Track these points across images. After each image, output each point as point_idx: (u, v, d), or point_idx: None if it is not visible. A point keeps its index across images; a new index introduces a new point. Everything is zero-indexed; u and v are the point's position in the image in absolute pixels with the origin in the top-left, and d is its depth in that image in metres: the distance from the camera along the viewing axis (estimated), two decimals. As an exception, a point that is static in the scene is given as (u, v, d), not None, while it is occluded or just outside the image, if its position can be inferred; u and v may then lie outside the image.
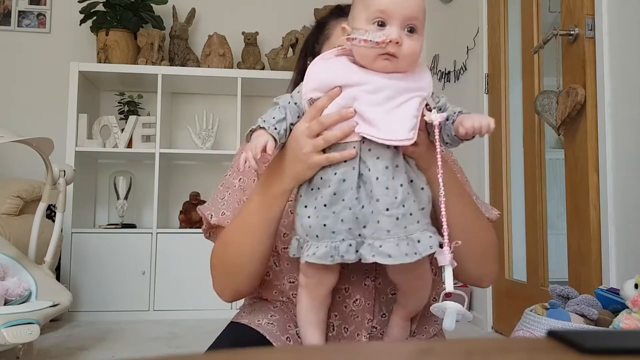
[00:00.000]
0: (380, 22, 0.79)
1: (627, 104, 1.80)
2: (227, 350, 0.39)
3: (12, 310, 1.84)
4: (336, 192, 0.80)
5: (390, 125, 0.78)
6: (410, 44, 0.80)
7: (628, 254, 1.77)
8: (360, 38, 0.79)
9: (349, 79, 0.81)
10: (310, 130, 0.81)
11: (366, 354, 0.39)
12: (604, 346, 0.37)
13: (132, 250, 3.08)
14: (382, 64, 0.80)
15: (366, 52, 0.79)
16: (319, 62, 0.84)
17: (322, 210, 0.81)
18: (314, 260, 0.80)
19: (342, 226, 0.80)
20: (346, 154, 0.80)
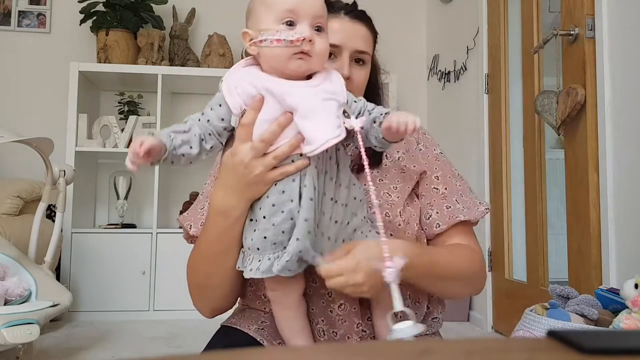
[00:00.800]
0: (290, 21, 0.79)
1: (627, 104, 1.80)
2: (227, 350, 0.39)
3: (12, 310, 1.84)
4: (275, 204, 0.80)
5: (314, 129, 0.78)
6: (320, 42, 0.80)
7: (628, 254, 1.77)
8: (272, 38, 0.78)
9: (268, 88, 0.80)
10: (256, 151, 0.80)
11: (366, 354, 0.39)
12: (604, 346, 0.37)
13: (132, 250, 3.08)
14: (296, 63, 0.79)
15: (279, 52, 0.79)
16: (232, 75, 0.84)
17: (262, 222, 0.81)
18: (259, 275, 0.80)
19: (283, 237, 0.80)
20: (300, 164, 0.80)
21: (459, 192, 1.04)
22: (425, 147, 1.07)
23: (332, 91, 0.81)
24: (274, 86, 0.80)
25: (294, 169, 0.80)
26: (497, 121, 2.74)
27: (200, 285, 0.96)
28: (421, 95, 3.64)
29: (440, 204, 1.02)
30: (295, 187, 0.80)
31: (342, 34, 0.97)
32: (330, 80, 0.83)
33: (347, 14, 1.00)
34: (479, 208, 1.03)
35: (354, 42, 0.98)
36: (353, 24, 1.00)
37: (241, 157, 0.81)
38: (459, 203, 1.02)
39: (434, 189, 1.03)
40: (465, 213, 1.01)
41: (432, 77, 3.54)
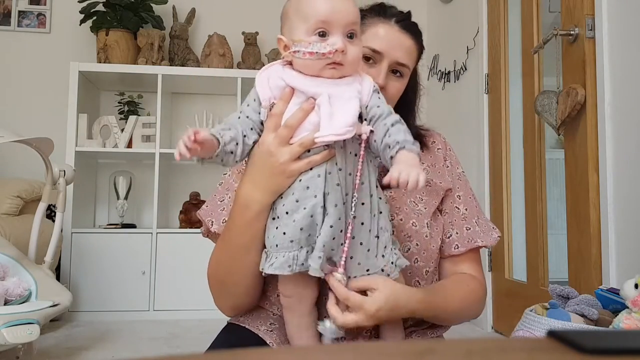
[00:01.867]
0: (322, 32, 0.79)
1: (627, 104, 1.80)
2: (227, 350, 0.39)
3: (12, 310, 1.84)
4: (298, 199, 0.80)
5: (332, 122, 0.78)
6: (353, 49, 0.81)
7: (628, 254, 1.77)
8: (305, 51, 0.78)
9: (297, 84, 0.81)
10: (280, 138, 0.80)
11: (366, 354, 0.39)
12: (604, 346, 0.37)
13: (132, 250, 3.08)
14: (329, 72, 0.80)
15: (312, 63, 0.79)
16: (267, 69, 0.84)
17: (284, 218, 0.81)
18: (271, 271, 0.80)
19: (301, 235, 0.79)
20: (326, 154, 0.80)
21: (476, 214, 1.05)
22: (451, 164, 1.08)
23: (357, 91, 0.81)
24: (304, 82, 0.81)
25: (321, 158, 0.79)
26: (497, 121, 2.74)
27: (222, 280, 0.95)
28: (421, 95, 3.63)
29: (460, 225, 1.03)
30: (320, 183, 0.79)
31: (387, 42, 0.97)
32: (361, 82, 0.83)
33: (397, 22, 0.99)
34: (492, 234, 1.05)
35: (396, 52, 0.97)
36: (400, 34, 0.98)
37: (267, 145, 0.81)
38: (478, 226, 1.03)
39: (456, 209, 1.04)
40: (483, 238, 1.03)
41: (432, 77, 3.54)
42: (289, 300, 0.86)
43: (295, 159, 0.80)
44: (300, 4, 0.82)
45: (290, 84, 0.81)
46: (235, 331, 1.00)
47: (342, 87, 0.81)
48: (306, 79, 0.81)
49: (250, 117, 0.83)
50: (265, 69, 0.85)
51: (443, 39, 3.45)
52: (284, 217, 0.81)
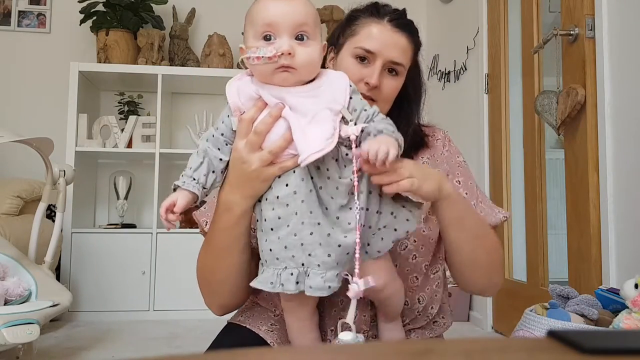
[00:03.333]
0: (268, 35, 0.78)
1: (627, 104, 1.80)
2: (227, 350, 0.39)
3: (12, 310, 1.84)
4: (280, 217, 0.79)
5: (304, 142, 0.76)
6: (303, 51, 0.78)
7: (628, 254, 1.77)
8: (253, 56, 0.77)
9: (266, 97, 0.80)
10: (250, 144, 0.80)
11: (366, 354, 0.39)
12: (604, 346, 0.37)
13: (132, 250, 3.08)
14: (280, 77, 0.78)
15: (261, 68, 0.78)
16: (234, 82, 0.83)
17: (270, 233, 0.80)
18: (255, 284, 0.80)
19: (285, 253, 0.78)
20: (297, 160, 0.78)
21: (478, 197, 1.04)
22: (450, 152, 1.08)
23: (330, 99, 0.79)
24: (272, 92, 0.79)
25: (292, 163, 0.78)
26: (497, 121, 2.74)
27: (207, 280, 0.96)
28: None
29: None
30: (298, 200, 0.78)
31: (380, 42, 0.95)
32: (331, 84, 0.80)
33: (390, 21, 0.98)
34: (497, 214, 1.03)
35: (389, 51, 0.96)
36: (394, 32, 0.97)
37: (239, 151, 0.81)
38: (477, 207, 1.02)
39: None
40: (488, 215, 1.01)
41: (432, 77, 3.54)
42: (289, 304, 0.86)
43: (266, 164, 0.79)
44: (250, 11, 0.81)
45: (260, 93, 0.80)
46: (236, 331, 1.00)
47: (310, 98, 0.79)
48: (272, 89, 0.80)
49: (224, 134, 0.83)
50: (234, 81, 0.84)
51: (443, 39, 3.45)
52: (269, 232, 0.80)
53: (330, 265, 0.76)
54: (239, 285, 0.94)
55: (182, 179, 0.82)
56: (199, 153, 0.83)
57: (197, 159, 0.83)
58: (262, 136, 0.79)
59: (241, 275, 0.92)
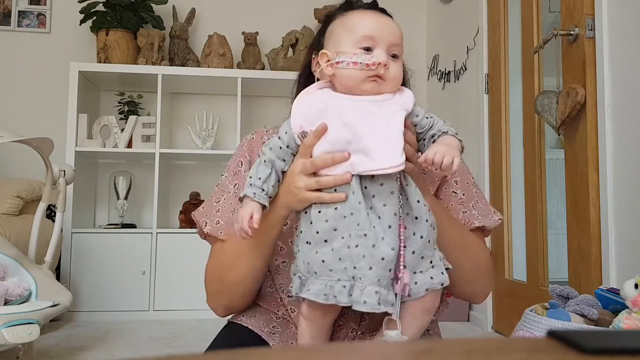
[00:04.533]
0: (367, 47, 0.83)
1: (627, 104, 1.80)
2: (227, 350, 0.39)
3: (12, 310, 1.84)
4: (336, 228, 0.80)
5: (382, 149, 0.78)
6: (395, 67, 0.84)
7: (628, 254, 1.77)
8: (349, 61, 0.82)
9: (334, 105, 0.82)
10: (304, 168, 0.83)
11: (366, 354, 0.39)
12: (604, 346, 0.37)
13: (132, 250, 3.08)
14: (369, 85, 0.82)
15: (355, 74, 0.82)
16: (303, 96, 0.86)
17: (321, 244, 0.80)
18: (309, 296, 0.79)
19: (338, 265, 0.79)
20: (335, 197, 0.80)
21: (475, 198, 1.04)
22: None
23: (400, 104, 0.83)
24: (344, 102, 0.82)
25: (329, 198, 0.81)
26: (497, 121, 2.74)
27: (221, 279, 0.96)
28: (421, 95, 3.64)
29: (457, 209, 1.02)
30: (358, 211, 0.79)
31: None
32: (400, 95, 0.84)
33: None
34: (493, 217, 1.03)
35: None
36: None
37: (292, 168, 0.85)
38: (475, 209, 1.02)
39: (453, 193, 1.03)
40: (481, 220, 1.01)
41: (432, 77, 3.54)
42: (313, 312, 0.85)
43: (309, 189, 0.82)
44: (348, 19, 0.87)
45: (331, 104, 0.82)
46: (237, 330, 0.99)
47: (383, 106, 0.82)
48: (346, 100, 0.82)
49: (290, 146, 0.86)
50: (305, 95, 0.86)
51: (443, 39, 3.45)
52: (321, 244, 0.81)
53: (371, 280, 0.77)
54: (251, 289, 0.96)
55: (252, 190, 0.84)
56: (267, 163, 0.86)
57: (265, 170, 0.85)
58: (316, 169, 0.82)
59: (256, 280, 0.94)
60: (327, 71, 0.85)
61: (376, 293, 0.77)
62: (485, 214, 1.03)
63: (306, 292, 0.80)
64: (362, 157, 0.79)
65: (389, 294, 0.77)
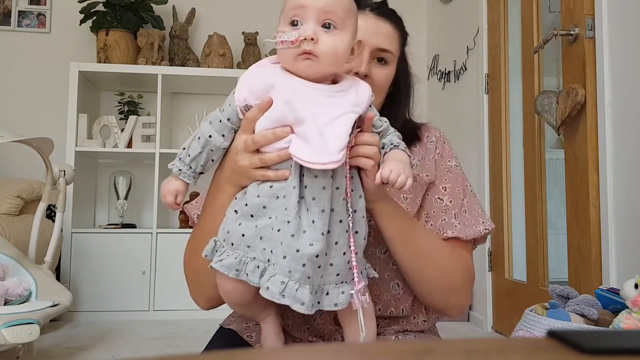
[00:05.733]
0: (295, 21, 0.76)
1: (627, 104, 1.80)
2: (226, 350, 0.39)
3: (12, 310, 1.84)
4: (265, 206, 0.77)
5: (323, 144, 0.73)
6: (328, 40, 0.75)
7: (628, 254, 1.77)
8: (278, 40, 0.76)
9: (283, 83, 0.77)
10: (246, 145, 0.79)
11: (366, 354, 0.39)
12: (604, 346, 0.37)
13: (132, 250, 3.08)
14: (303, 64, 0.75)
15: (284, 53, 0.76)
16: (254, 69, 0.81)
17: (247, 218, 0.77)
18: (218, 267, 0.76)
19: (258, 243, 0.75)
20: (279, 174, 0.77)
21: (462, 207, 0.99)
22: (441, 156, 1.04)
23: (354, 102, 0.77)
24: (292, 84, 0.76)
25: (273, 176, 0.77)
26: (497, 121, 2.74)
27: (193, 268, 0.92)
28: (421, 96, 3.64)
29: (437, 216, 0.98)
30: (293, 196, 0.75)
31: (364, 30, 0.92)
32: (357, 91, 0.79)
33: (372, 10, 0.98)
34: (477, 227, 0.97)
35: (374, 38, 0.95)
36: (376, 20, 0.97)
37: (235, 144, 0.81)
38: (457, 218, 0.97)
39: (438, 199, 0.99)
40: (458, 230, 0.95)
41: (432, 77, 3.54)
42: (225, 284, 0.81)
43: (254, 167, 0.78)
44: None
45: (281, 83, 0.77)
46: (228, 337, 0.98)
47: (334, 98, 0.76)
48: (294, 80, 0.77)
49: (231, 119, 0.81)
50: (254, 67, 0.81)
51: (443, 39, 3.45)
52: (247, 217, 0.77)
53: (282, 269, 0.73)
54: None
55: (178, 166, 0.82)
56: (200, 140, 0.81)
57: (197, 148, 0.81)
58: (259, 146, 0.78)
59: None
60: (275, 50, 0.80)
61: (282, 284, 0.73)
62: (469, 224, 0.97)
63: (217, 263, 0.76)
64: (299, 142, 0.74)
65: (299, 291, 0.72)
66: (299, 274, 0.72)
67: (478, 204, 1.02)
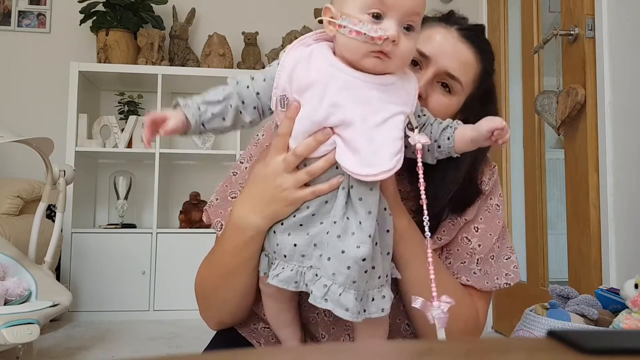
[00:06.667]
0: (377, 14, 0.67)
1: (627, 104, 1.80)
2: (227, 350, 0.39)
3: (12, 310, 1.84)
4: (315, 214, 0.72)
5: (372, 152, 0.68)
6: (406, 43, 0.69)
7: (628, 254, 1.77)
8: (353, 28, 0.67)
9: (329, 78, 0.70)
10: (287, 164, 0.72)
11: (366, 354, 0.39)
12: (604, 346, 0.37)
13: (132, 250, 3.08)
14: (371, 61, 0.68)
15: (356, 45, 0.68)
16: (299, 48, 0.72)
17: (296, 228, 0.73)
18: (276, 283, 0.72)
19: (313, 251, 0.71)
20: (334, 183, 0.71)
21: (490, 253, 0.90)
22: (486, 194, 0.94)
23: (404, 100, 0.71)
24: (346, 80, 0.69)
25: (328, 187, 0.71)
26: (497, 121, 2.74)
27: (207, 297, 0.88)
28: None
29: (459, 257, 0.89)
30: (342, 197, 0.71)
31: (438, 46, 0.83)
32: (404, 84, 0.72)
33: (459, 30, 0.86)
34: (498, 279, 0.89)
35: (447, 60, 0.83)
36: (458, 42, 0.85)
37: (273, 168, 0.74)
38: (478, 265, 0.89)
39: (465, 239, 0.89)
40: (474, 279, 0.88)
41: (432, 77, 3.54)
42: (270, 289, 0.78)
43: (300, 186, 0.72)
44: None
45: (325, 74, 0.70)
46: (228, 337, 0.97)
47: (382, 93, 0.69)
48: (346, 76, 0.69)
49: (260, 96, 0.73)
50: (294, 51, 0.72)
51: (443, 39, 3.45)
52: (295, 227, 0.73)
53: (326, 272, 0.69)
54: (242, 306, 0.87)
55: (186, 101, 0.72)
56: (222, 92, 0.73)
57: (216, 95, 0.73)
58: (301, 158, 0.72)
59: (246, 299, 0.85)
60: (328, 30, 0.71)
61: (324, 287, 0.68)
62: (490, 274, 0.89)
63: (275, 279, 0.72)
64: (345, 149, 0.69)
65: (342, 295, 0.68)
66: (343, 277, 0.68)
67: (509, 250, 0.93)
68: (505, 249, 0.92)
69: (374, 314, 0.71)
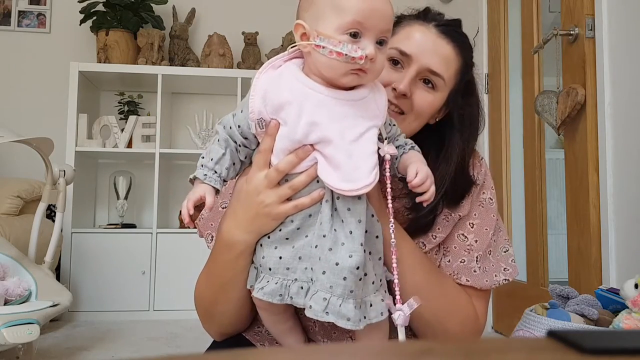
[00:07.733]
0: (355, 33, 0.70)
1: (627, 104, 1.80)
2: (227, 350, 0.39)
3: (12, 310, 1.84)
4: (300, 227, 0.74)
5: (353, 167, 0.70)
6: (381, 59, 0.72)
7: (628, 254, 1.77)
8: (333, 49, 0.69)
9: (302, 98, 0.72)
10: (269, 180, 0.74)
11: (367, 354, 0.39)
12: (604, 346, 0.37)
13: (132, 250, 3.08)
14: (349, 78, 0.71)
15: (337, 65, 0.70)
16: (269, 74, 0.74)
17: (282, 242, 0.74)
18: (261, 296, 0.74)
19: (298, 264, 0.73)
20: (316, 196, 0.73)
21: (487, 249, 0.91)
22: (479, 187, 0.94)
23: (374, 114, 0.73)
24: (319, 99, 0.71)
25: (310, 201, 0.73)
26: (497, 121, 2.74)
27: (206, 310, 0.90)
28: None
29: (457, 255, 0.90)
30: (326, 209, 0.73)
31: (418, 44, 0.85)
32: (375, 97, 0.74)
33: (437, 26, 0.87)
34: (497, 275, 0.90)
35: (428, 57, 0.85)
36: (437, 38, 0.86)
37: (255, 185, 0.75)
38: (478, 262, 0.89)
39: (461, 236, 0.90)
40: (474, 278, 0.88)
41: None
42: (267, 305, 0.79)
43: (282, 201, 0.74)
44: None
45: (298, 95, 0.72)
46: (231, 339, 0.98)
47: (355, 109, 0.72)
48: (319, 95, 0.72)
49: (242, 128, 0.75)
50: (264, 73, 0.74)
51: (443, 39, 3.44)
52: (281, 241, 0.75)
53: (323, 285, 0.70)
54: (241, 317, 0.88)
55: (203, 171, 0.75)
56: (220, 143, 0.76)
57: (219, 149, 0.76)
58: (283, 174, 0.74)
59: (244, 310, 0.86)
60: (302, 47, 0.73)
61: (324, 300, 0.69)
62: (489, 271, 0.90)
63: (259, 292, 0.74)
64: (327, 165, 0.71)
65: (342, 306, 0.69)
66: (340, 288, 0.69)
67: (506, 242, 0.94)
68: (502, 241, 0.94)
69: (375, 319, 0.72)
